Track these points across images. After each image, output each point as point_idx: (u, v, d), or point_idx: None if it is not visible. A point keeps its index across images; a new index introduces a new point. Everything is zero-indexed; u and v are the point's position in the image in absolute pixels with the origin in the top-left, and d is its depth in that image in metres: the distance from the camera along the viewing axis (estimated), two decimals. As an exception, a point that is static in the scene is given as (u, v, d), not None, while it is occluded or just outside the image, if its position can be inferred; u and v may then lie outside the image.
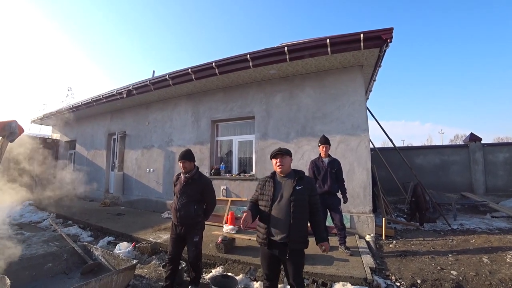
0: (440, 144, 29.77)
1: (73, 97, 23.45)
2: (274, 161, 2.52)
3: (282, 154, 2.47)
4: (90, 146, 10.45)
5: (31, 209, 8.06)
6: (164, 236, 4.97)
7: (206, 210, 3.36)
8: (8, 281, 2.71)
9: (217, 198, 3.54)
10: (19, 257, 3.83)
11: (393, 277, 3.45)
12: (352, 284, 3.16)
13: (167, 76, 6.74)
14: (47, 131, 14.07)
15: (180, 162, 3.24)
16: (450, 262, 3.77)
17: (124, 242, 4.61)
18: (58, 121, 11.73)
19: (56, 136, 12.67)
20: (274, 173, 2.58)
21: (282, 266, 2.49)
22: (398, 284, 3.31)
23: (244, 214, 2.36)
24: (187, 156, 3.24)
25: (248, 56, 5.52)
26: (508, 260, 3.74)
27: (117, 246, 4.44)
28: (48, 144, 11.79)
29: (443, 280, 3.26)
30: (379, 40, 4.61)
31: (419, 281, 3.29)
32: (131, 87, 7.57)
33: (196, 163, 3.40)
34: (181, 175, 3.32)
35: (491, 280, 3.22)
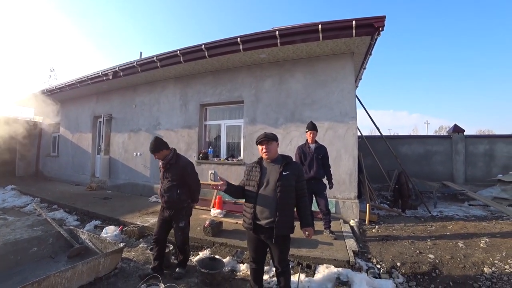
0: (425, 134, 30.53)
1: (56, 78, 22.57)
2: (260, 147, 2.49)
3: (268, 140, 2.44)
4: (74, 129, 10.15)
5: (14, 193, 7.86)
6: (151, 220, 4.97)
7: (192, 193, 3.33)
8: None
9: (205, 182, 3.53)
10: (3, 242, 3.76)
11: (374, 260, 3.60)
12: (336, 266, 3.27)
13: (155, 58, 6.54)
14: (29, 113, 13.58)
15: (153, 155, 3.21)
16: (428, 247, 3.95)
17: (111, 226, 4.57)
18: (41, 103, 11.31)
19: (39, 118, 12.22)
20: (261, 158, 2.56)
21: (268, 249, 2.54)
22: (379, 266, 3.46)
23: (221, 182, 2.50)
24: (154, 149, 3.13)
25: (238, 39, 5.41)
26: (481, 245, 3.94)
27: (104, 230, 4.40)
28: (30, 126, 11.37)
29: (421, 263, 3.43)
30: (371, 27, 4.58)
31: (398, 264, 3.44)
32: (117, 68, 7.31)
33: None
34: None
35: (465, 263, 3.40)
